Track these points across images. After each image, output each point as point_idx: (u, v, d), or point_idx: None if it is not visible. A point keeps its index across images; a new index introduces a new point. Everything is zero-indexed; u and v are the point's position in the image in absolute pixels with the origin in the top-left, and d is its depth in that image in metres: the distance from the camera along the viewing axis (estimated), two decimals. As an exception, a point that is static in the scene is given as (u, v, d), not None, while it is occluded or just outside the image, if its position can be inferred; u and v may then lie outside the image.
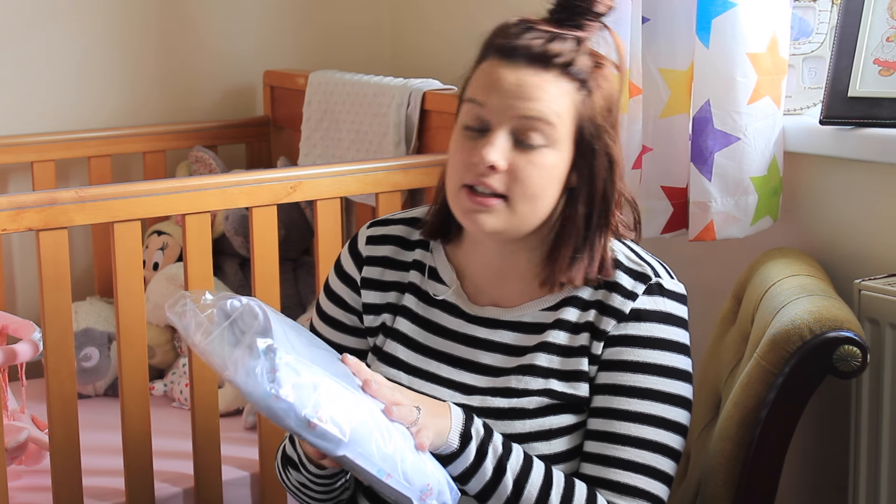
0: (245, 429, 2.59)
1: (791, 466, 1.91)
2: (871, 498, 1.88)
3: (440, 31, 3.15)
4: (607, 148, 1.62)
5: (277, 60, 3.25)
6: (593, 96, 1.61)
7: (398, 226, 1.78)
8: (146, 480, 2.24)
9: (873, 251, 2.04)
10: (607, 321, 1.64)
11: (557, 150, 1.60)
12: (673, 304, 1.65)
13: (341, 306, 1.78)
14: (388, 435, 1.49)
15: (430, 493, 1.52)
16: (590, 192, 1.63)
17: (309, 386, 1.43)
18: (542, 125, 1.59)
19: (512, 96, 1.60)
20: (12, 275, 2.99)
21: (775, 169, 2.13)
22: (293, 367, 1.43)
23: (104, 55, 3.06)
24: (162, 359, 2.87)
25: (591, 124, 1.61)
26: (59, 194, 2.12)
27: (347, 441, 1.45)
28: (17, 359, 2.29)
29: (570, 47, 1.60)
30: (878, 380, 1.85)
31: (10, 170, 2.99)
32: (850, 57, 2.07)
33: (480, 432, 1.57)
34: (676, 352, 1.63)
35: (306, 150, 2.97)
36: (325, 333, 1.79)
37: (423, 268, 1.75)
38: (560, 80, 1.60)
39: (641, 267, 1.66)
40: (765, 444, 1.67)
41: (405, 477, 1.50)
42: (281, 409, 1.42)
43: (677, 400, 1.62)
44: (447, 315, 1.72)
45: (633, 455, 1.60)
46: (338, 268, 1.80)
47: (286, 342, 1.46)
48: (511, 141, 1.60)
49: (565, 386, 1.64)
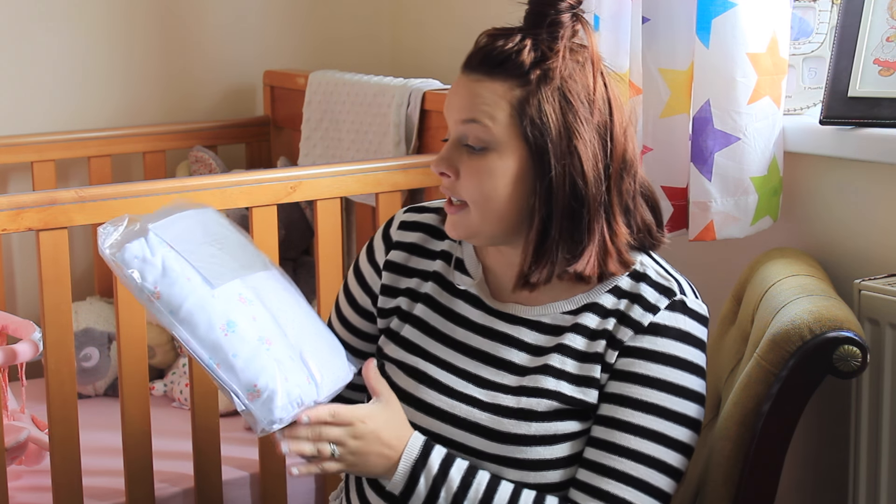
0: (245, 429, 2.58)
1: (791, 466, 1.92)
2: (871, 498, 1.88)
3: (440, 31, 3.15)
4: (568, 143, 1.59)
5: (277, 60, 3.25)
6: (542, 91, 1.59)
7: (432, 214, 1.79)
8: (146, 480, 2.24)
9: (873, 251, 2.04)
10: (625, 331, 1.63)
11: (503, 152, 1.60)
12: (693, 324, 1.64)
13: (361, 284, 1.81)
14: (246, 336, 1.57)
15: (258, 396, 1.56)
16: (545, 190, 1.60)
17: (168, 268, 1.57)
18: (477, 129, 1.60)
19: (456, 104, 1.64)
20: (12, 275, 2.99)
21: (775, 169, 2.13)
22: (158, 249, 1.58)
23: (104, 55, 3.07)
24: (162, 359, 2.87)
25: (537, 120, 1.58)
26: (59, 194, 2.12)
27: (178, 319, 1.56)
28: (17, 359, 2.29)
29: (512, 45, 1.60)
30: (878, 380, 1.85)
31: (10, 170, 2.99)
32: (850, 57, 2.07)
33: (433, 471, 1.60)
34: (689, 371, 1.62)
35: (306, 150, 2.97)
36: (340, 304, 1.84)
37: (449, 258, 1.76)
38: (496, 81, 1.60)
39: (668, 282, 1.65)
40: (765, 443, 1.67)
41: (234, 371, 1.56)
42: (127, 275, 1.58)
43: (682, 419, 1.61)
44: (469, 306, 1.72)
45: (627, 467, 1.60)
46: (368, 246, 1.83)
47: (181, 238, 1.61)
48: (462, 148, 1.63)
49: (576, 391, 1.63)
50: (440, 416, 1.67)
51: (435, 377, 1.69)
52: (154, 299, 1.58)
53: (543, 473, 1.63)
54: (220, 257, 1.64)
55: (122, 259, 1.58)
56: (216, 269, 1.62)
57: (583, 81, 1.61)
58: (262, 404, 1.56)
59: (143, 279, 1.57)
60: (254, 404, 1.56)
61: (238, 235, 1.71)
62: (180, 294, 1.57)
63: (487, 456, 1.64)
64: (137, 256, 1.58)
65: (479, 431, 1.64)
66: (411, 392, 1.70)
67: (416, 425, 1.67)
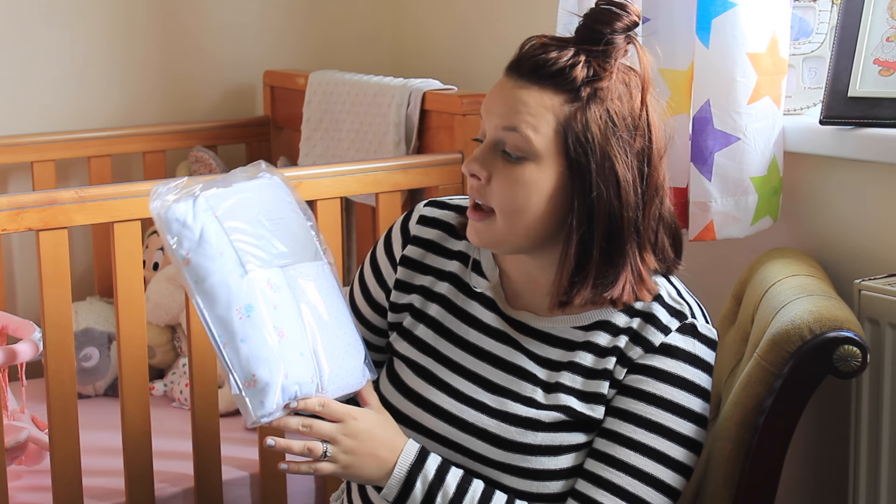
0: (245, 429, 2.59)
1: (791, 466, 1.92)
2: (871, 498, 1.88)
3: (440, 31, 3.15)
4: (610, 165, 1.58)
5: (277, 60, 3.25)
6: (589, 109, 1.57)
7: (452, 212, 1.77)
8: (146, 480, 2.24)
9: (873, 251, 2.04)
10: (636, 349, 1.63)
11: (541, 164, 1.58)
12: (703, 348, 1.65)
13: (376, 276, 1.80)
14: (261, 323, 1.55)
15: (253, 385, 1.54)
16: (586, 211, 1.58)
17: (205, 239, 1.56)
18: (519, 138, 1.58)
19: (497, 108, 1.61)
20: (12, 275, 2.99)
21: (775, 169, 2.13)
22: (202, 216, 1.57)
23: (104, 55, 3.07)
24: (162, 359, 2.87)
25: (582, 139, 1.57)
26: (59, 194, 2.12)
27: (200, 290, 1.55)
28: (17, 359, 2.29)
29: (565, 58, 1.58)
30: (878, 380, 1.85)
31: (10, 170, 2.99)
32: (850, 57, 2.07)
33: (429, 476, 1.60)
34: (696, 394, 1.63)
35: (306, 150, 2.97)
36: (355, 295, 1.82)
37: (466, 259, 1.74)
38: (545, 92, 1.58)
39: (680, 305, 1.65)
40: (765, 443, 1.67)
41: (238, 355, 1.53)
42: (164, 236, 1.57)
43: (683, 440, 1.62)
44: (483, 308, 1.71)
45: (624, 482, 1.60)
46: (386, 237, 1.81)
47: (233, 211, 1.59)
48: (497, 152, 1.60)
49: (584, 406, 1.64)
50: (447, 419, 1.67)
51: (445, 380, 1.69)
52: (183, 265, 1.56)
53: (546, 483, 1.63)
54: (266, 239, 1.61)
55: (165, 217, 1.56)
56: (256, 252, 1.59)
57: (629, 105, 1.60)
58: (254, 394, 1.54)
59: (179, 244, 1.55)
60: (248, 392, 1.54)
61: (297, 217, 1.67)
62: (208, 267, 1.55)
63: (492, 462, 1.64)
64: (178, 219, 1.56)
65: (486, 437, 1.65)
66: (420, 392, 1.69)
67: (422, 426, 1.67)
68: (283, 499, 2.38)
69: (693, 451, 1.63)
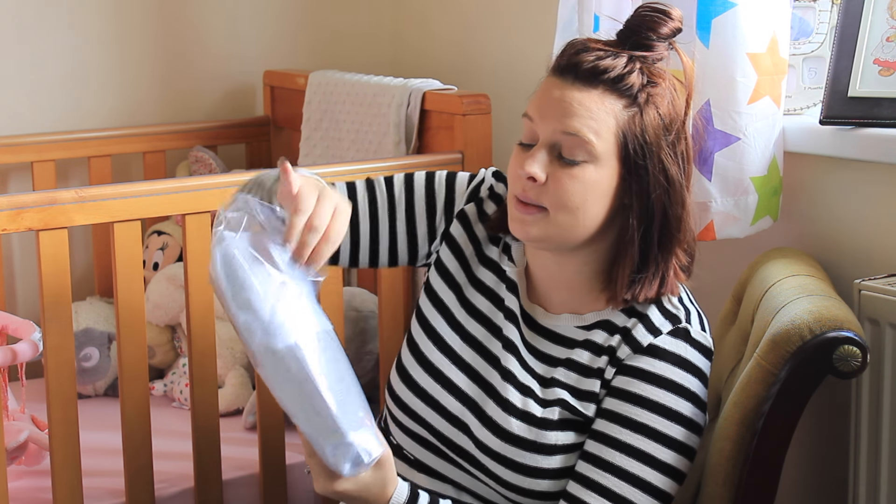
0: (245, 429, 2.59)
1: (791, 466, 1.91)
2: (871, 498, 1.88)
3: (440, 31, 3.15)
4: (662, 167, 1.63)
5: (277, 60, 3.25)
6: (645, 114, 1.62)
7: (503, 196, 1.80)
8: (146, 480, 2.24)
9: (873, 251, 2.04)
10: (625, 349, 1.65)
11: (600, 166, 1.62)
12: (693, 353, 1.66)
13: (428, 198, 1.81)
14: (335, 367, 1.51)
15: (366, 426, 1.52)
16: (642, 210, 1.63)
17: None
18: (581, 141, 1.61)
19: (555, 112, 1.63)
20: (12, 275, 2.99)
21: (775, 169, 2.13)
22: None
23: (104, 55, 3.06)
24: (162, 359, 2.87)
25: (640, 142, 1.61)
26: (58, 194, 2.12)
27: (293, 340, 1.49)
28: (17, 359, 2.29)
29: (622, 65, 1.62)
30: (878, 380, 1.85)
31: (10, 170, 2.99)
32: (850, 57, 2.07)
33: None
34: (683, 397, 1.64)
35: (306, 150, 2.97)
36: (397, 204, 1.82)
37: (498, 242, 1.79)
38: (605, 97, 1.61)
39: (677, 310, 1.68)
40: (765, 444, 1.67)
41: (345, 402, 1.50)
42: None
43: (671, 442, 1.63)
44: (508, 293, 1.75)
45: (611, 483, 1.62)
46: (450, 178, 1.82)
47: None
48: (554, 155, 1.63)
49: (577, 403, 1.67)
50: (462, 399, 1.71)
51: (463, 357, 1.73)
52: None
53: (536, 481, 1.67)
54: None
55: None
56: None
57: (676, 109, 1.65)
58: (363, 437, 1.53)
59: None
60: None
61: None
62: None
63: (489, 452, 1.68)
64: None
65: (489, 425, 1.68)
66: (439, 367, 1.74)
67: (437, 402, 1.71)
68: (283, 499, 2.38)
69: (682, 454, 1.64)
